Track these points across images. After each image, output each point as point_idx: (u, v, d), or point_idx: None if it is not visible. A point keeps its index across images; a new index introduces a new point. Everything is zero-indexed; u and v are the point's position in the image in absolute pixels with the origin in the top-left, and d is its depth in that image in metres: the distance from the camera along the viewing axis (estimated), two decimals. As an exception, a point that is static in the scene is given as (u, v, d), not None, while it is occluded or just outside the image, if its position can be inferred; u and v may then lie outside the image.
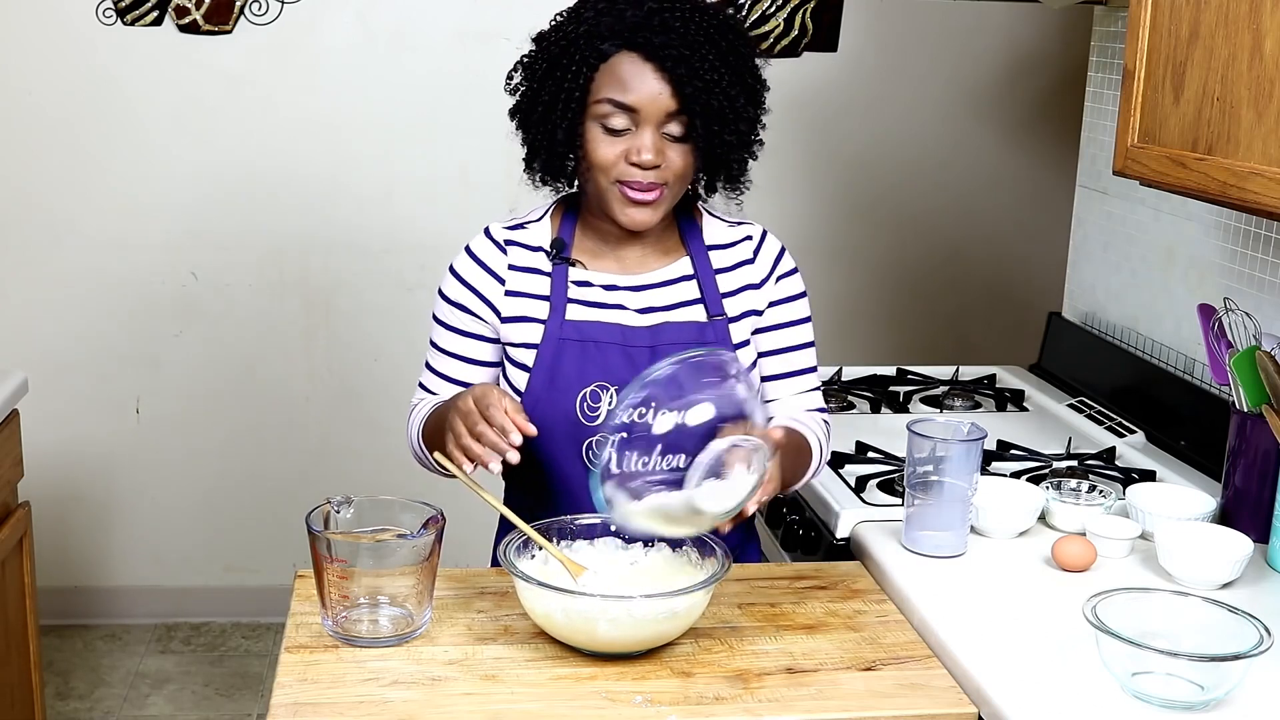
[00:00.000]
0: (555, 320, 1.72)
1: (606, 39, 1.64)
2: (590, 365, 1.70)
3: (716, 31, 1.66)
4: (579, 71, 1.65)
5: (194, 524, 3.53)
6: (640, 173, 1.65)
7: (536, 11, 3.50)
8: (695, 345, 1.72)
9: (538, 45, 1.73)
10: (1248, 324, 1.92)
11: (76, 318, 3.37)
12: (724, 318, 1.77)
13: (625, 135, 1.65)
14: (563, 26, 1.70)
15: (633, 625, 1.45)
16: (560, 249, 1.76)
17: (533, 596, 1.48)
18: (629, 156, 1.65)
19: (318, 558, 1.50)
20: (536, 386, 1.70)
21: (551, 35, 1.71)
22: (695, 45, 1.63)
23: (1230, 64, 1.61)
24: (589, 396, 1.69)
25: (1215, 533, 1.76)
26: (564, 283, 1.74)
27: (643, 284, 1.76)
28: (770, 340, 1.81)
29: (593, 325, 1.72)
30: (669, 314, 1.75)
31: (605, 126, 1.65)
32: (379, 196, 3.40)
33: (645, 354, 1.71)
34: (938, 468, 1.73)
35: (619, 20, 1.64)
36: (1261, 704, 1.42)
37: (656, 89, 1.63)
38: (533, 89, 1.71)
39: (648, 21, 1.63)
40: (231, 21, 3.26)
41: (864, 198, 3.55)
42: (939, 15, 3.47)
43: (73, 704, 3.15)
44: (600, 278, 1.75)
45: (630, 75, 1.64)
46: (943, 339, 3.64)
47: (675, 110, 1.64)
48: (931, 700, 1.45)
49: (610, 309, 1.73)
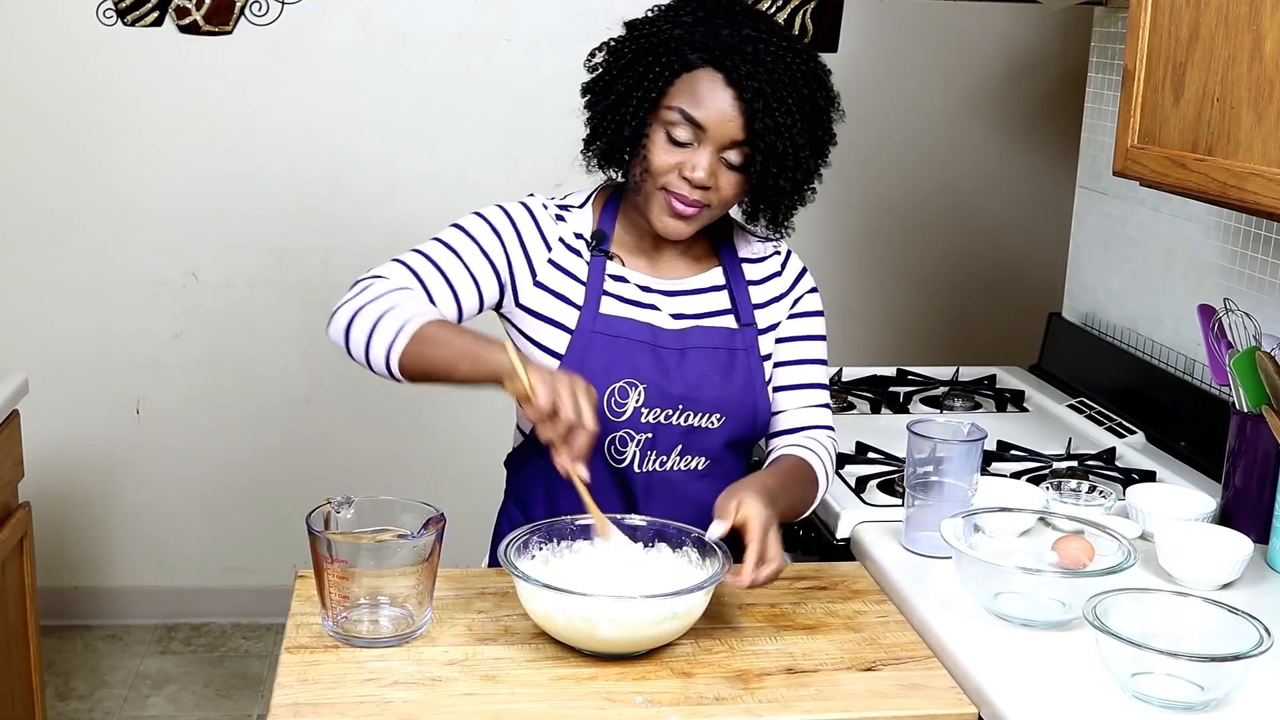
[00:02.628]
0: (589, 311, 1.71)
1: (696, 50, 1.64)
2: (619, 361, 1.70)
3: (802, 76, 1.65)
4: (660, 74, 1.64)
5: (194, 524, 3.53)
6: (689, 188, 1.65)
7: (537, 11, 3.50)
8: (724, 350, 1.74)
9: (628, 32, 1.71)
10: (1248, 324, 1.92)
11: (76, 318, 3.37)
12: (754, 327, 1.78)
13: (686, 148, 1.65)
14: (657, 23, 1.68)
15: (633, 626, 1.45)
16: (601, 240, 1.75)
17: (533, 597, 1.48)
18: (682, 170, 1.65)
19: (318, 558, 1.50)
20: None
21: (644, 28, 1.69)
22: (778, 84, 1.62)
23: (1230, 65, 1.61)
24: (617, 393, 1.69)
25: (1215, 533, 1.76)
26: (601, 274, 1.73)
27: (676, 289, 1.76)
28: (786, 351, 1.81)
29: (625, 322, 1.72)
30: (700, 321, 1.75)
31: (669, 134, 1.65)
32: (379, 197, 3.40)
33: (674, 356, 1.71)
34: (938, 468, 1.74)
35: (713, 36, 1.63)
36: (1261, 704, 1.42)
37: (728, 114, 1.63)
38: (611, 75, 1.69)
39: (740, 47, 1.62)
40: (232, 22, 3.26)
41: (864, 198, 3.55)
42: (939, 16, 3.47)
43: (73, 704, 3.15)
44: (636, 276, 1.75)
45: (707, 93, 1.63)
46: (943, 339, 3.64)
47: (740, 140, 1.64)
48: (931, 700, 1.45)
49: (644, 309, 1.73)
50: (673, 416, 1.71)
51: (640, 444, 1.71)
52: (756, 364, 1.76)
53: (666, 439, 1.71)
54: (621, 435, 1.70)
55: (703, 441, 1.73)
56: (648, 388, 1.69)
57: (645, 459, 1.71)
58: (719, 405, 1.72)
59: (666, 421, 1.71)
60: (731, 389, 1.73)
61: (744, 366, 1.75)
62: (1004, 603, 1.59)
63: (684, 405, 1.71)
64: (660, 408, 1.70)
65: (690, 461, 1.74)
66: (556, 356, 1.70)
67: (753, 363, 1.76)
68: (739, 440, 1.77)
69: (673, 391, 1.70)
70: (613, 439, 1.70)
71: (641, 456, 1.71)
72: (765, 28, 1.66)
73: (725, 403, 1.73)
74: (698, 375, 1.72)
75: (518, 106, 3.35)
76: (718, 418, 1.72)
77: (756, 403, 1.75)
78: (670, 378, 1.70)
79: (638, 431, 1.70)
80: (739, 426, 1.75)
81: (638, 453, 1.71)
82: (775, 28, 1.67)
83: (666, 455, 1.72)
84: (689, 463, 1.74)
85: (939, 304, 3.66)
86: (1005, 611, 1.59)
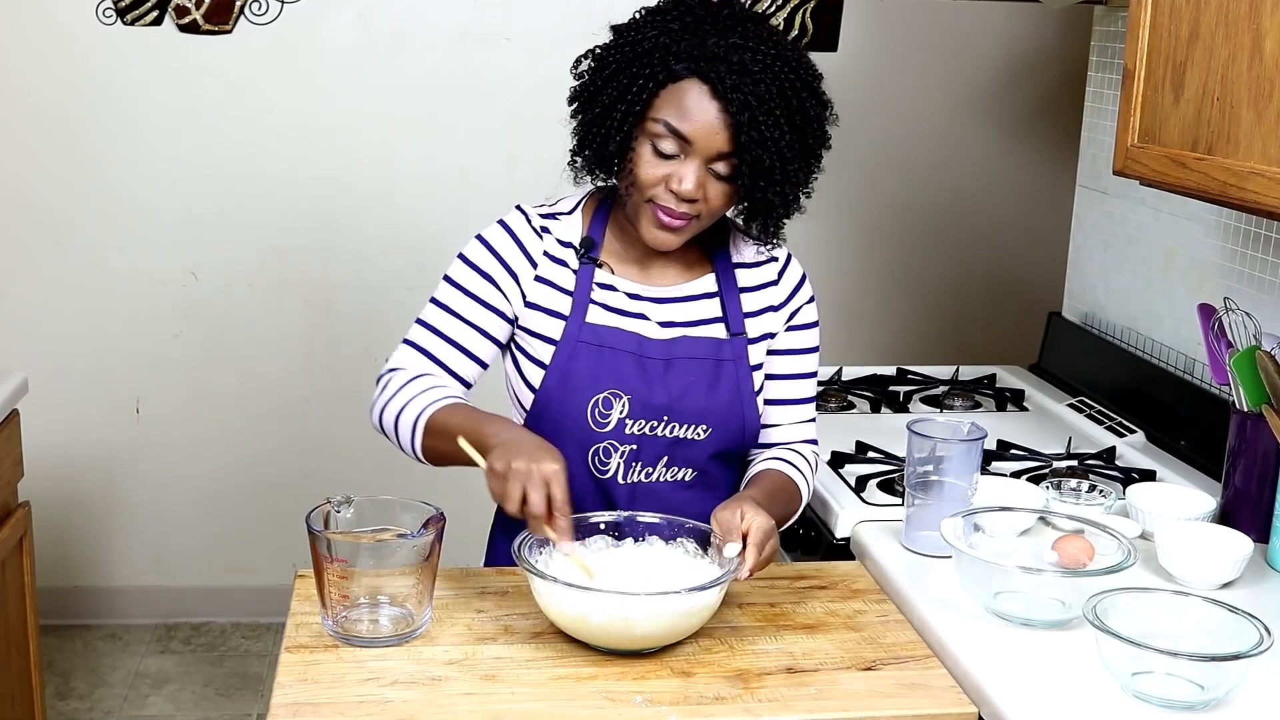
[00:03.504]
0: (575, 321, 1.70)
1: (682, 60, 1.59)
2: (604, 371, 1.68)
3: (790, 87, 1.61)
4: (644, 85, 1.61)
5: (194, 524, 3.53)
6: (676, 201, 1.62)
7: (537, 12, 3.50)
8: (711, 360, 1.72)
9: (614, 38, 1.67)
10: (1248, 324, 1.92)
11: (76, 318, 3.37)
12: (744, 336, 1.75)
13: (672, 160, 1.61)
14: (643, 29, 1.64)
15: (670, 619, 1.46)
16: (590, 248, 1.73)
17: (565, 599, 1.47)
18: (669, 183, 1.62)
19: (318, 558, 1.50)
20: (550, 385, 1.69)
21: (629, 34, 1.65)
22: (765, 96, 1.58)
23: (1230, 64, 1.61)
24: (601, 403, 1.68)
25: (1215, 533, 1.76)
26: (588, 283, 1.71)
27: (666, 297, 1.74)
28: (778, 364, 1.79)
29: (611, 331, 1.70)
30: (688, 329, 1.73)
31: (656, 147, 1.61)
32: (379, 197, 3.40)
33: (659, 366, 1.69)
34: (938, 468, 1.74)
35: (699, 45, 1.59)
36: (1261, 704, 1.42)
37: (714, 126, 1.59)
38: (596, 85, 1.66)
39: (726, 57, 1.58)
40: (231, 21, 3.26)
41: (863, 197, 3.55)
42: (939, 15, 3.47)
43: (73, 704, 3.15)
44: (625, 284, 1.73)
45: (693, 104, 1.59)
46: (943, 339, 3.64)
47: (727, 152, 1.60)
48: (931, 700, 1.45)
49: (631, 317, 1.72)
50: (658, 428, 1.69)
51: (625, 455, 1.69)
52: (745, 375, 1.74)
53: (651, 450, 1.70)
54: (605, 446, 1.68)
55: (689, 453, 1.71)
56: (632, 398, 1.67)
57: (630, 470, 1.70)
58: (704, 416, 1.70)
59: (651, 433, 1.69)
60: (718, 400, 1.71)
61: (731, 377, 1.72)
62: (1004, 602, 1.59)
63: (669, 416, 1.69)
64: (645, 419, 1.68)
65: (677, 473, 1.72)
66: (544, 368, 1.70)
67: (741, 374, 1.73)
68: (726, 452, 1.75)
69: (657, 402, 1.68)
70: (596, 450, 1.69)
71: (626, 468, 1.70)
72: (755, 34, 1.61)
73: (711, 414, 1.70)
74: (683, 386, 1.69)
75: (518, 106, 3.35)
76: (704, 429, 1.70)
77: (744, 414, 1.73)
78: (654, 388, 1.68)
79: (622, 443, 1.69)
80: (726, 438, 1.73)
81: (621, 464, 1.70)
82: (765, 33, 1.62)
83: (652, 467, 1.71)
84: (675, 474, 1.72)
85: (939, 304, 3.66)
86: (1005, 611, 1.59)
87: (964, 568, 1.62)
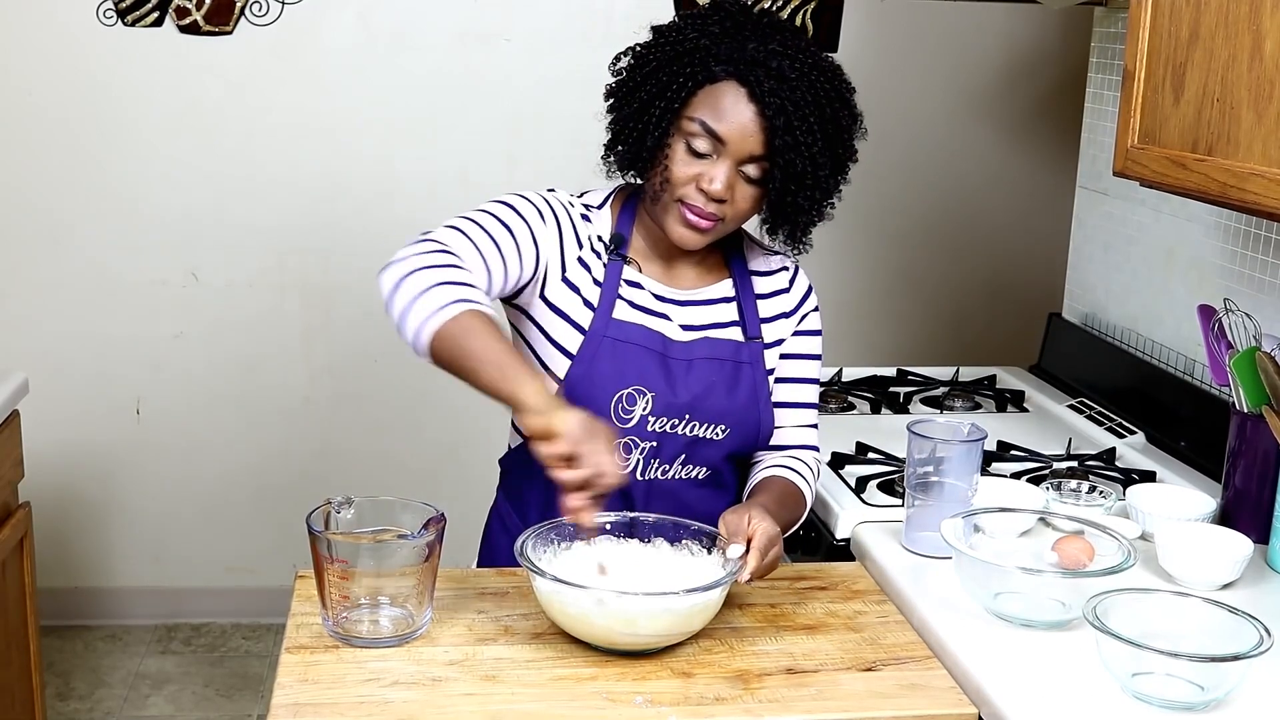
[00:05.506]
0: (603, 315, 1.71)
1: (721, 63, 1.63)
2: (628, 368, 1.69)
3: (825, 96, 1.64)
4: (683, 84, 1.64)
5: (194, 524, 3.53)
6: (704, 200, 1.65)
7: (537, 12, 3.49)
8: (730, 362, 1.74)
9: (654, 38, 1.70)
10: (1248, 324, 1.92)
11: (76, 318, 3.37)
12: (760, 341, 1.77)
13: (704, 160, 1.64)
14: (684, 31, 1.67)
15: (672, 620, 1.46)
16: (619, 244, 1.75)
17: (567, 598, 1.47)
18: (700, 182, 1.64)
19: (318, 558, 1.50)
20: (575, 378, 1.69)
21: (670, 35, 1.68)
22: (800, 101, 1.61)
23: (1230, 65, 1.61)
24: (625, 399, 1.68)
25: (1215, 533, 1.76)
26: (617, 279, 1.73)
27: (687, 299, 1.76)
28: (785, 369, 1.81)
29: (637, 329, 1.71)
30: (708, 332, 1.75)
31: (689, 145, 1.64)
32: (379, 197, 3.40)
33: (682, 366, 1.71)
34: (938, 468, 1.74)
35: (738, 49, 1.63)
36: (1261, 704, 1.42)
37: (749, 128, 1.62)
38: (635, 82, 1.68)
39: (765, 62, 1.61)
40: (232, 22, 3.26)
41: (864, 198, 3.54)
42: (939, 16, 3.47)
43: (73, 705, 3.15)
44: (651, 284, 1.75)
45: (729, 106, 1.62)
46: (943, 339, 3.64)
47: (759, 155, 1.63)
48: (931, 700, 1.45)
49: (656, 317, 1.73)
50: (679, 426, 1.70)
51: (645, 452, 1.70)
52: (762, 378, 1.76)
53: (670, 448, 1.71)
54: (626, 442, 1.69)
55: (706, 452, 1.73)
56: (655, 396, 1.69)
57: (648, 467, 1.71)
58: (724, 417, 1.72)
59: (672, 431, 1.70)
60: (737, 401, 1.73)
61: (749, 379, 1.75)
62: (1004, 603, 1.59)
63: (690, 415, 1.70)
64: (666, 417, 1.70)
65: (692, 471, 1.74)
66: (568, 356, 1.69)
67: (758, 376, 1.76)
68: (740, 453, 1.77)
69: (679, 401, 1.70)
70: (617, 446, 1.69)
71: (645, 464, 1.71)
72: (792, 44, 1.64)
73: (730, 415, 1.72)
74: (705, 386, 1.71)
75: (518, 106, 3.35)
76: (722, 429, 1.72)
77: (761, 416, 1.76)
78: (677, 387, 1.70)
79: (643, 439, 1.70)
80: (742, 439, 1.75)
81: (641, 460, 1.71)
82: (802, 43, 1.66)
83: (669, 464, 1.72)
84: (690, 472, 1.74)
85: (939, 304, 3.66)
86: (1005, 611, 1.59)
87: (964, 568, 1.62)
